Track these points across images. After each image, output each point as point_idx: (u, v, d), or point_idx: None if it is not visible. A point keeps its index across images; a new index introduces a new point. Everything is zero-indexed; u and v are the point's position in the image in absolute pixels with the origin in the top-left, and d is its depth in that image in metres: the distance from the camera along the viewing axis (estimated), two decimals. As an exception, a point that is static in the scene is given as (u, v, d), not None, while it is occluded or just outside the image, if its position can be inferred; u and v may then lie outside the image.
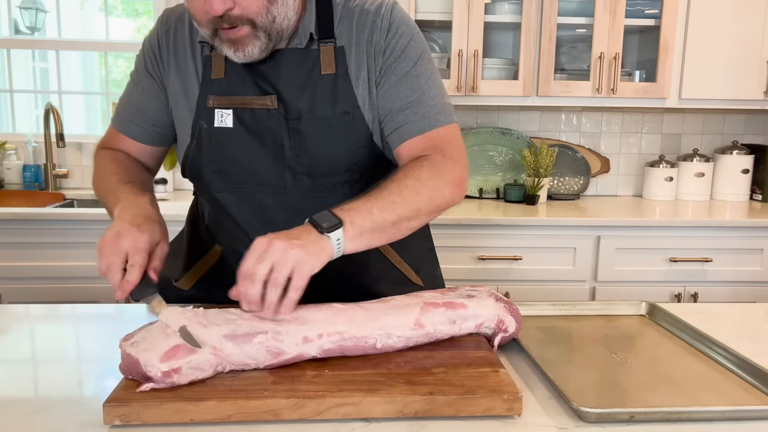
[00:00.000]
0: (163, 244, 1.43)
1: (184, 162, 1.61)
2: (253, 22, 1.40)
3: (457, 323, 1.35)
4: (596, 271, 3.33)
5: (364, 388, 1.14)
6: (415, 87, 1.54)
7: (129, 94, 1.70)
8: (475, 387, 1.15)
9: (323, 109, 1.53)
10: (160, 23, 1.65)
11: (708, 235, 3.32)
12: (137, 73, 1.68)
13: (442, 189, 1.45)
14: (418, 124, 1.52)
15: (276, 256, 1.19)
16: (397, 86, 1.54)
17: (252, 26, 1.40)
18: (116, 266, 1.31)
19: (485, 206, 3.65)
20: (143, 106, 1.67)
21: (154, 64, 1.64)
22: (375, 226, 1.34)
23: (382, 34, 1.54)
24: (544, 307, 1.69)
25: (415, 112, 1.52)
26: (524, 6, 3.47)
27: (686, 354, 1.44)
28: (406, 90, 1.54)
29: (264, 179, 1.56)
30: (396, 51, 1.54)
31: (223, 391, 1.12)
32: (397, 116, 1.53)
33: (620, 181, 4.18)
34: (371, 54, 1.54)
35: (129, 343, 1.18)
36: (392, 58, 1.54)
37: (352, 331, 1.26)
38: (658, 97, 3.59)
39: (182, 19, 1.62)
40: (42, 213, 3.18)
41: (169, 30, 1.62)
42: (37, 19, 4.31)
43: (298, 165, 1.54)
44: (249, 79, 1.54)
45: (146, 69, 1.65)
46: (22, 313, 1.66)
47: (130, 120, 1.69)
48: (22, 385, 1.25)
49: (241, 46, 1.42)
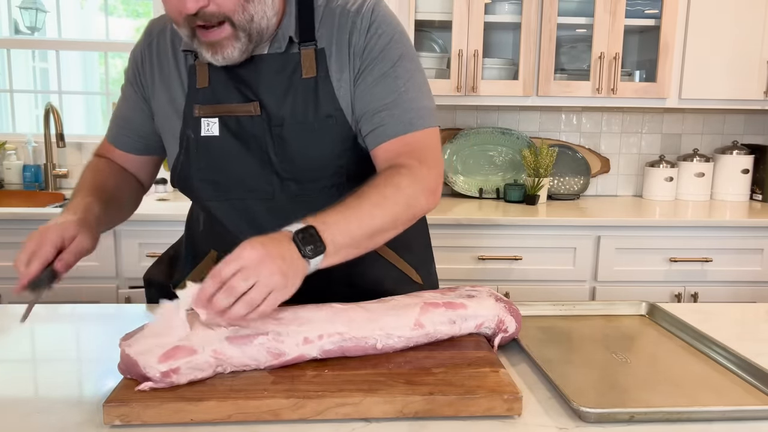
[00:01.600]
0: (82, 239, 1.46)
1: (173, 172, 1.62)
2: (230, 20, 1.38)
3: (457, 323, 1.36)
4: (596, 271, 3.33)
5: (364, 388, 1.14)
6: (392, 89, 1.51)
7: (118, 106, 1.73)
8: (475, 387, 1.15)
9: (305, 114, 1.51)
10: (144, 35, 1.66)
11: (708, 235, 3.32)
12: (124, 85, 1.70)
13: (419, 197, 1.44)
14: (394, 127, 1.50)
15: (260, 276, 1.15)
16: (373, 87, 1.51)
17: (232, 26, 1.39)
18: (21, 260, 1.37)
19: (485, 206, 3.65)
20: (129, 117, 1.70)
21: (137, 77, 1.66)
22: (353, 242, 1.32)
23: (361, 34, 1.52)
24: (544, 307, 1.69)
25: (390, 115, 1.50)
26: (524, 6, 3.47)
27: (686, 354, 1.44)
28: (382, 92, 1.51)
29: (252, 186, 1.55)
30: (374, 51, 1.51)
31: (223, 391, 1.12)
32: (372, 118, 1.51)
33: (620, 181, 4.18)
34: (351, 55, 1.52)
35: (128, 343, 1.18)
36: (370, 58, 1.52)
37: (352, 331, 1.27)
38: (658, 97, 3.59)
39: (164, 31, 1.63)
40: (42, 213, 3.18)
41: (152, 43, 1.63)
42: (37, 19, 4.31)
43: (284, 171, 1.53)
44: (232, 86, 1.53)
45: (130, 82, 1.68)
46: (21, 314, 1.65)
47: (118, 131, 1.74)
48: (22, 385, 1.26)
49: (220, 48, 1.41)
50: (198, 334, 1.18)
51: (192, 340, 1.17)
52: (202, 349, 1.16)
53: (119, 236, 3.14)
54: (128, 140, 1.72)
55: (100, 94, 4.48)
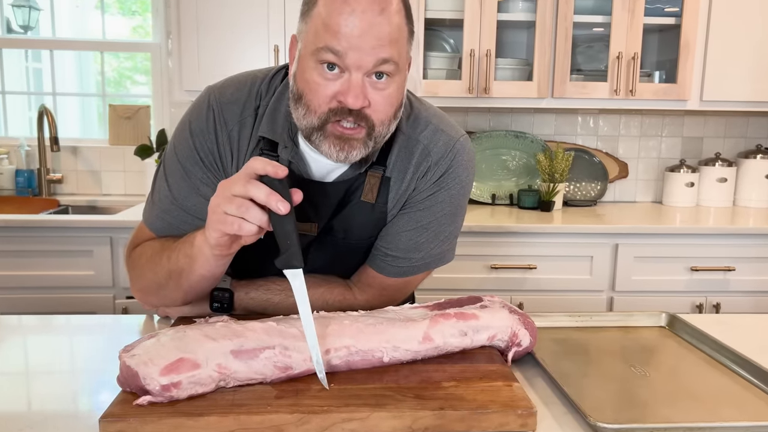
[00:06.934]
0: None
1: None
2: (372, 127, 1.38)
3: (468, 335, 1.36)
4: (614, 280, 3.33)
5: (372, 403, 1.14)
6: (416, 241, 1.60)
7: (174, 194, 1.55)
8: (488, 402, 1.16)
9: (355, 235, 1.59)
10: (218, 123, 1.52)
11: (731, 243, 3.31)
12: (187, 168, 1.54)
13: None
14: (395, 271, 1.62)
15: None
16: (401, 232, 1.59)
17: (369, 130, 1.39)
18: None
19: (498, 213, 3.65)
20: (197, 205, 1.54)
21: (215, 163, 1.53)
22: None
23: (428, 181, 1.57)
24: (559, 318, 1.69)
25: (398, 260, 1.61)
26: (539, 4, 3.48)
27: (708, 367, 1.44)
28: (407, 241, 1.59)
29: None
30: (427, 200, 1.58)
31: (225, 405, 1.12)
32: (386, 250, 1.61)
33: (639, 186, 4.18)
34: (411, 193, 1.57)
35: (129, 354, 1.18)
36: (419, 203, 1.58)
37: (359, 344, 1.27)
38: (678, 98, 3.59)
39: (245, 125, 1.53)
40: (35, 220, 3.18)
41: (232, 132, 1.52)
42: (30, 17, 4.32)
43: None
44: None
45: (201, 166, 1.53)
46: (14, 324, 1.67)
47: (173, 221, 1.57)
48: (15, 399, 1.26)
49: (349, 147, 1.39)
50: (202, 347, 1.19)
51: (197, 352, 1.18)
52: (205, 362, 1.16)
53: (116, 244, 3.15)
54: (190, 228, 1.52)
55: (96, 95, 4.48)
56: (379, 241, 1.60)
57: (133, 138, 4.04)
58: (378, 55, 1.31)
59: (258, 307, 1.59)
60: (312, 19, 1.34)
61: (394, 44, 1.33)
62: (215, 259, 1.37)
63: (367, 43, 1.30)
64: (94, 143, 4.12)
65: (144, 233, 1.61)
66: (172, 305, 1.58)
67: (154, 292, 1.56)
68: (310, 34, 1.34)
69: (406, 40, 1.39)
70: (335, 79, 1.33)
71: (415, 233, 1.57)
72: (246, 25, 3.42)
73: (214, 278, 1.46)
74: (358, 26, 1.29)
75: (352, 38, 1.29)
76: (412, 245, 1.58)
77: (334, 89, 1.34)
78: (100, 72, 4.29)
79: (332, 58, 1.31)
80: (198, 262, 1.40)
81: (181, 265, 1.43)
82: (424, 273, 1.66)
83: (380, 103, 1.36)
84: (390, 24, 1.32)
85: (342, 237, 1.58)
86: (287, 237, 1.23)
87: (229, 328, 1.24)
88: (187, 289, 1.48)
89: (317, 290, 1.58)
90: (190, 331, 1.23)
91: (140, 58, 4.60)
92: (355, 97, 1.32)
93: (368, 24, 1.29)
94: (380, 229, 1.59)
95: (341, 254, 1.63)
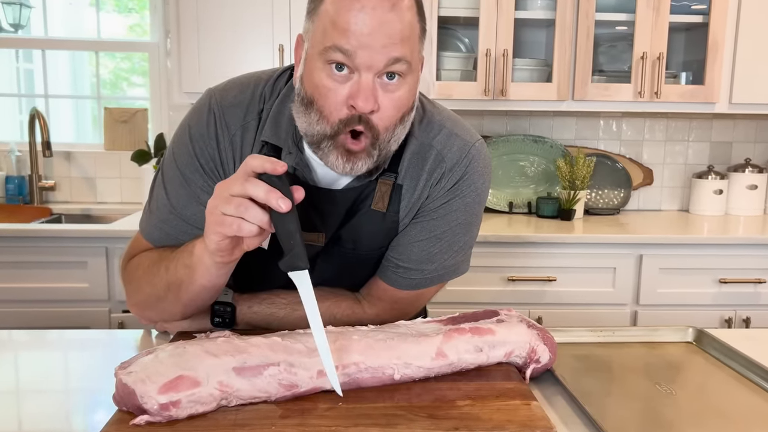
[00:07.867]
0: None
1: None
2: (377, 135, 1.38)
3: (484, 351, 1.36)
4: (638, 293, 3.32)
5: (382, 423, 1.15)
6: (428, 252, 1.59)
7: (173, 203, 1.54)
8: (505, 422, 1.16)
9: (365, 246, 1.59)
10: (220, 128, 1.52)
11: (761, 254, 3.31)
12: (188, 177, 1.53)
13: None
14: (407, 283, 1.62)
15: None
16: (414, 242, 1.58)
17: (373, 139, 1.38)
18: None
19: (516, 222, 3.65)
20: (195, 213, 1.53)
21: (210, 164, 1.53)
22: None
23: (443, 188, 1.56)
24: (580, 333, 1.69)
25: (410, 272, 1.61)
26: (558, 1, 3.48)
27: (737, 385, 1.44)
28: (419, 252, 1.59)
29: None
30: (441, 209, 1.57)
31: (227, 426, 1.12)
32: (397, 261, 1.60)
33: (664, 194, 4.18)
34: (424, 201, 1.57)
35: (125, 371, 1.18)
36: (433, 211, 1.58)
37: (368, 361, 1.27)
38: (706, 101, 3.58)
39: (248, 129, 1.53)
40: (27, 230, 3.20)
41: (234, 137, 1.52)
42: (21, 15, 4.34)
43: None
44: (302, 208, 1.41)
45: (202, 169, 1.52)
46: (5, 339, 1.67)
47: (171, 231, 1.55)
48: (5, 420, 1.26)
49: (355, 159, 1.39)
50: (203, 363, 1.19)
51: (197, 369, 1.18)
52: (206, 380, 1.16)
53: (112, 255, 3.16)
54: (189, 239, 1.50)
55: (91, 98, 4.49)
56: (390, 251, 1.60)
57: (129, 143, 4.05)
58: (389, 54, 1.31)
59: (262, 321, 1.59)
60: (319, 17, 1.34)
61: (405, 42, 1.33)
62: (216, 267, 1.37)
63: (377, 42, 1.30)
64: (89, 148, 4.13)
65: (141, 244, 1.61)
66: (171, 320, 1.58)
67: (152, 305, 1.56)
68: (318, 32, 1.34)
69: (418, 39, 1.38)
70: (344, 82, 1.33)
71: (428, 243, 1.57)
72: (249, 24, 3.43)
73: (215, 289, 1.46)
74: (368, 24, 1.29)
75: (362, 36, 1.29)
76: (424, 256, 1.58)
77: (345, 93, 1.33)
78: (95, 73, 4.30)
79: (341, 57, 1.31)
80: (198, 272, 1.39)
81: (181, 275, 1.43)
82: (437, 285, 1.66)
83: (387, 108, 1.36)
84: (401, 21, 1.31)
85: (351, 247, 1.58)
86: (290, 237, 1.23)
87: (232, 344, 1.24)
88: (186, 302, 1.48)
89: (324, 303, 1.56)
90: (190, 346, 1.23)
91: (137, 59, 4.61)
92: (365, 100, 1.31)
93: (379, 21, 1.29)
94: (391, 239, 1.59)
95: (350, 266, 1.62)
